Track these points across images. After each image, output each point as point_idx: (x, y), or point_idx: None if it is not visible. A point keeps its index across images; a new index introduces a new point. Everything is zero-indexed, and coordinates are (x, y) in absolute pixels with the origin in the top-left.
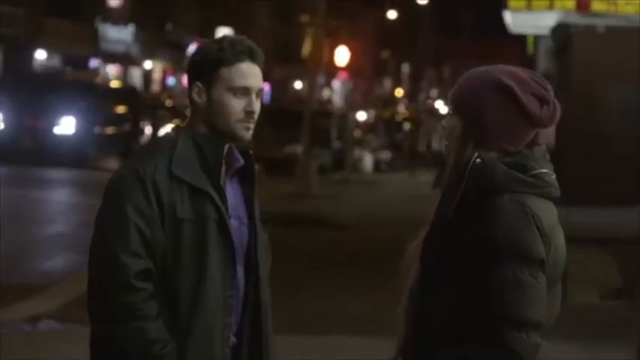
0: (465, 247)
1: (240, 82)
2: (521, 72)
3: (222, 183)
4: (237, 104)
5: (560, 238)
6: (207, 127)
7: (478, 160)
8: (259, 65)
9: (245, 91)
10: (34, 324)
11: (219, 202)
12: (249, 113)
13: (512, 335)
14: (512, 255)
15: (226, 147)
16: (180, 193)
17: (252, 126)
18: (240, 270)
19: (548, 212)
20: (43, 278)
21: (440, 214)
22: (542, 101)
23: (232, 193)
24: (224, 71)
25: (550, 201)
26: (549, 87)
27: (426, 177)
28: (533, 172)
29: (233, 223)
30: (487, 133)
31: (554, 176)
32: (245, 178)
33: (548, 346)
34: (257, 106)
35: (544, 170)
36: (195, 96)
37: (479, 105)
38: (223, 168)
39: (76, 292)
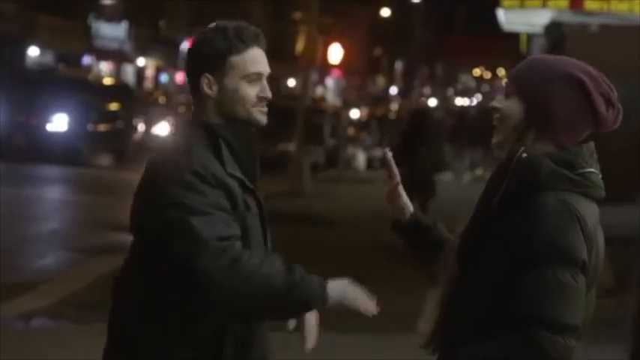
0: (505, 243)
1: (253, 68)
2: (591, 69)
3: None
4: (251, 91)
5: (600, 241)
6: (222, 119)
7: (524, 155)
8: (264, 50)
9: (258, 77)
10: (27, 321)
11: (260, 197)
12: (262, 99)
13: (549, 338)
14: (554, 255)
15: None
16: (238, 190)
17: (266, 110)
18: None
19: (591, 213)
20: (36, 275)
21: (481, 207)
22: (609, 103)
23: None
24: (235, 59)
25: (594, 202)
26: (614, 89)
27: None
28: (581, 171)
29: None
30: (551, 123)
31: (600, 176)
32: None
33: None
34: (269, 93)
35: (591, 169)
36: (205, 88)
37: (548, 93)
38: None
39: (69, 290)
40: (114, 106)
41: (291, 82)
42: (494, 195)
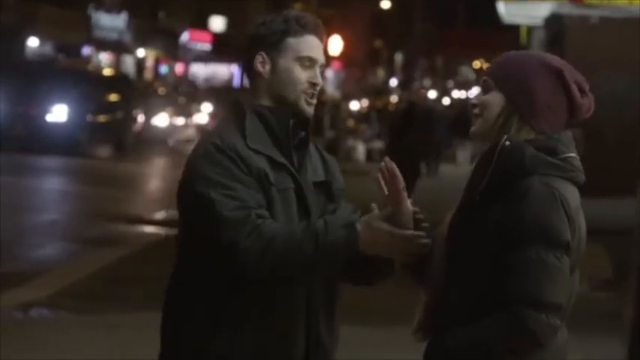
0: (491, 227)
1: (307, 52)
2: (563, 61)
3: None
4: (302, 74)
5: (582, 224)
6: (270, 100)
7: (507, 142)
8: (322, 41)
9: (311, 63)
10: (25, 311)
11: (294, 173)
12: (313, 85)
13: (532, 316)
14: (538, 236)
15: (291, 120)
16: (263, 164)
17: (314, 101)
18: None
19: (574, 197)
20: (36, 266)
21: (468, 196)
22: (582, 91)
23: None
24: (291, 41)
25: (575, 186)
26: (586, 81)
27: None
28: (562, 156)
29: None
30: (533, 110)
31: (579, 161)
32: (299, 149)
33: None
34: (320, 80)
35: (572, 154)
36: (258, 66)
37: (529, 83)
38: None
39: (68, 280)
40: (113, 97)
41: None
42: (479, 183)
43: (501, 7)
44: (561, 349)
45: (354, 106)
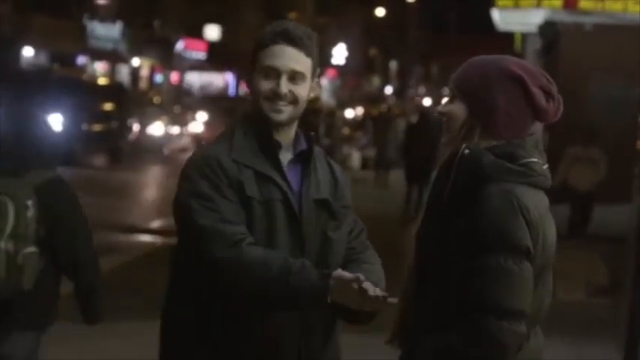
0: (454, 237)
1: (267, 62)
2: (528, 64)
3: (283, 166)
4: (264, 85)
5: (550, 228)
6: (254, 112)
7: (466, 150)
8: (300, 48)
9: (273, 72)
10: None
11: (281, 184)
12: (275, 95)
13: (494, 324)
14: (496, 244)
15: (294, 133)
16: (246, 176)
17: (282, 108)
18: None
19: (537, 202)
20: None
21: (432, 205)
22: (548, 95)
23: (294, 176)
24: (260, 54)
25: (540, 190)
26: (553, 82)
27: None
28: (522, 161)
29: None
30: (496, 122)
31: (545, 166)
32: (306, 161)
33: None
34: (285, 88)
35: (533, 159)
36: (247, 80)
37: (490, 93)
38: (289, 152)
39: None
40: (108, 107)
41: None
42: (442, 193)
43: (496, 15)
44: (535, 356)
45: (349, 113)
